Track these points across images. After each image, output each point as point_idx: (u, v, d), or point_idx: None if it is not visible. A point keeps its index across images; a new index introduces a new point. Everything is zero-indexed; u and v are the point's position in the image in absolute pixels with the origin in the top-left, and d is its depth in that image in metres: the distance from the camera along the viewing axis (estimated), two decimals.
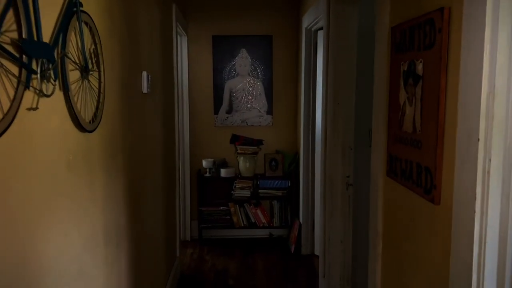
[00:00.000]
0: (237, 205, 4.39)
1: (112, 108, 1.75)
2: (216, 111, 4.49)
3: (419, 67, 1.50)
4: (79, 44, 1.35)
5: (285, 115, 4.54)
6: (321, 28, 3.76)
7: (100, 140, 1.57)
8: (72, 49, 1.31)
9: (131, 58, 2.09)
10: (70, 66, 1.28)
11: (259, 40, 4.44)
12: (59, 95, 1.22)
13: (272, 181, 4.35)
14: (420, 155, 1.50)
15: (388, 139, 1.82)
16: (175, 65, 3.47)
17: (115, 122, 1.81)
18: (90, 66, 1.44)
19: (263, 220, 4.39)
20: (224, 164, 4.46)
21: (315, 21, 3.63)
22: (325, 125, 2.99)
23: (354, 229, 2.88)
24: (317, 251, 4.02)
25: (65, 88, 1.23)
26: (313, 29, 3.89)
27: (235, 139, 4.45)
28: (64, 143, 1.26)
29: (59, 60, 1.18)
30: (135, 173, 2.14)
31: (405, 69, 1.62)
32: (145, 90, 2.31)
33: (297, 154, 4.42)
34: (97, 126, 1.50)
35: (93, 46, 1.48)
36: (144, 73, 2.30)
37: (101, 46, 1.54)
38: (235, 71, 4.46)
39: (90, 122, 1.44)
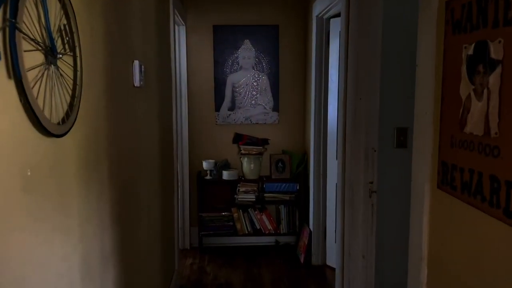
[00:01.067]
0: (240, 211, 4.03)
1: (94, 105, 1.39)
2: (217, 108, 4.12)
3: (496, 49, 1.14)
4: (42, 16, 0.98)
5: (292, 112, 4.17)
6: (334, 16, 3.39)
7: (75, 146, 1.20)
8: (31, 23, 0.94)
9: (120, 43, 1.72)
10: (26, 45, 0.91)
11: (264, 30, 4.06)
12: (7, 84, 0.85)
13: (279, 184, 3.99)
14: (496, 165, 1.14)
15: (441, 143, 1.45)
16: (172, 56, 3.10)
17: (99, 122, 1.44)
18: (59, 48, 1.07)
19: (269, 227, 4.03)
20: (226, 165, 4.09)
21: (327, 8, 3.26)
22: (344, 123, 2.63)
23: (379, 242, 2.53)
24: (329, 262, 3.67)
25: (16, 75, 0.86)
26: (325, 17, 3.52)
27: (238, 139, 4.08)
28: (17, 153, 0.90)
29: (3, 31, 0.81)
30: (126, 183, 1.78)
31: (470, 53, 1.26)
32: (137, 83, 1.94)
33: (305, 154, 4.06)
34: (70, 129, 1.13)
35: (64, 21, 1.11)
36: (136, 63, 1.94)
37: (75, 22, 1.17)
38: (238, 64, 4.09)
39: (59, 124, 1.07)
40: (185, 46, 3.96)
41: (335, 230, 3.58)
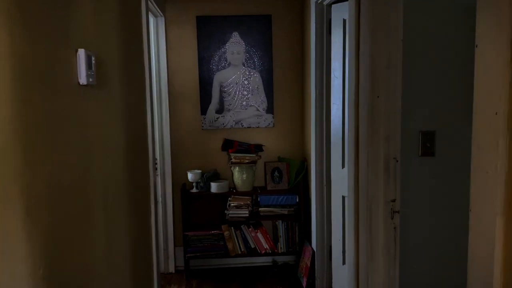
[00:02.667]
0: (232, 228, 3.51)
1: None
2: (203, 111, 3.60)
3: None
4: None
5: (289, 114, 3.67)
6: (337, 1, 2.89)
7: None
8: None
9: (48, 21, 1.20)
10: None
11: (255, 21, 3.56)
12: None
13: (276, 197, 3.48)
14: None
15: None
16: (145, 50, 2.57)
17: (6, 138, 0.93)
18: None
19: (266, 246, 3.52)
20: (215, 176, 3.58)
21: None
22: (356, 127, 2.13)
23: (403, 276, 2.03)
24: (336, 287, 3.16)
25: None
26: (325, 2, 3.02)
27: (228, 145, 3.57)
28: None
29: None
30: (65, 217, 1.26)
31: None
32: (83, 80, 1.42)
33: (305, 162, 3.55)
34: None
35: None
36: (82, 53, 1.42)
37: None
38: (225, 60, 3.58)
39: None
40: (165, 40, 3.44)
41: (343, 251, 3.08)
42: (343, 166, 3.00)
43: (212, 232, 3.49)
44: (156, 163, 3.51)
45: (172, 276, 3.56)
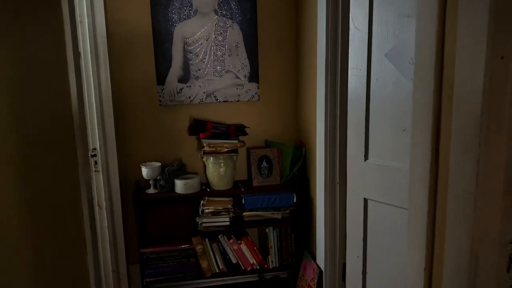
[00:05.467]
0: (206, 240, 2.58)
1: None
2: (160, 80, 2.56)
3: None
4: None
5: (280, 82, 2.70)
6: None
7: None
8: None
9: None
10: None
11: None
12: None
13: (266, 197, 2.56)
14: None
15: None
16: None
17: None
18: None
19: (252, 261, 2.62)
20: (180, 171, 2.59)
21: None
22: (437, 108, 1.22)
23: None
24: None
25: None
26: None
27: (199, 128, 2.57)
28: None
29: None
30: None
31: None
32: None
33: (302, 147, 2.63)
34: None
35: None
36: None
37: None
38: (190, 6, 2.52)
39: None
40: None
41: (363, 272, 2.24)
42: (366, 158, 2.12)
43: (180, 247, 2.53)
44: (94, 155, 2.47)
45: None
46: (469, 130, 1.12)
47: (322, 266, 2.37)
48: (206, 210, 2.48)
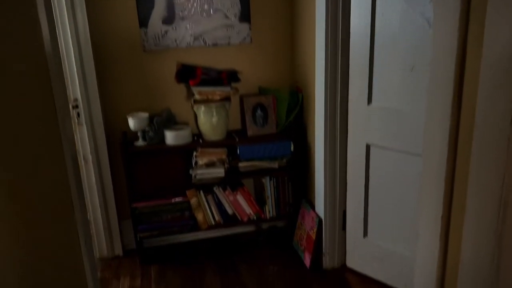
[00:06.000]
0: (201, 192, 2.48)
1: None
2: (143, 21, 2.33)
3: None
4: None
5: (274, 22, 2.50)
6: None
7: None
8: None
9: None
10: None
11: None
12: None
13: (262, 146, 2.44)
14: None
15: None
16: None
17: None
18: None
19: (248, 211, 2.55)
20: (169, 121, 2.44)
21: None
22: None
23: None
24: (351, 264, 2.32)
25: None
26: None
27: (188, 74, 2.39)
28: None
29: None
30: None
31: None
32: None
33: (298, 92, 2.49)
34: None
35: None
36: None
37: None
38: None
39: None
40: None
41: (365, 219, 2.19)
42: (369, 102, 2.00)
43: (174, 200, 2.43)
44: (76, 106, 2.29)
45: (120, 261, 2.53)
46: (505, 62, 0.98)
47: (321, 215, 2.31)
48: (200, 162, 2.35)
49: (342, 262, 2.37)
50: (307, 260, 2.39)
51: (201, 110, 2.35)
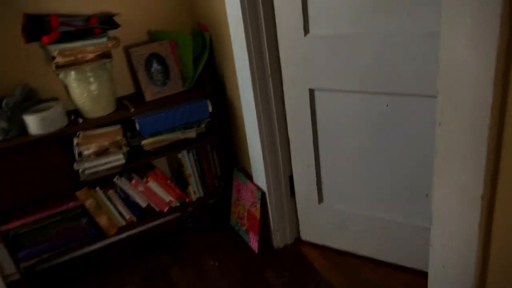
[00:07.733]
0: (97, 189, 1.82)
1: None
2: None
3: None
4: None
5: None
6: None
7: None
8: None
9: None
10: None
11: None
12: None
13: (168, 113, 1.81)
14: None
15: None
16: None
17: None
18: None
19: (168, 198, 1.96)
20: (29, 100, 1.68)
21: None
22: None
23: None
24: (306, 236, 1.89)
25: None
26: None
27: (38, 28, 1.61)
28: None
29: None
30: None
31: None
32: None
33: (202, 31, 1.85)
34: None
35: None
36: None
37: None
38: None
39: None
40: None
41: (318, 183, 1.74)
42: (306, 31, 1.46)
43: (61, 208, 1.75)
44: None
45: None
46: None
47: (263, 186, 1.80)
48: (86, 152, 1.67)
49: (296, 235, 1.93)
50: (253, 243, 1.91)
51: (71, 78, 1.63)
